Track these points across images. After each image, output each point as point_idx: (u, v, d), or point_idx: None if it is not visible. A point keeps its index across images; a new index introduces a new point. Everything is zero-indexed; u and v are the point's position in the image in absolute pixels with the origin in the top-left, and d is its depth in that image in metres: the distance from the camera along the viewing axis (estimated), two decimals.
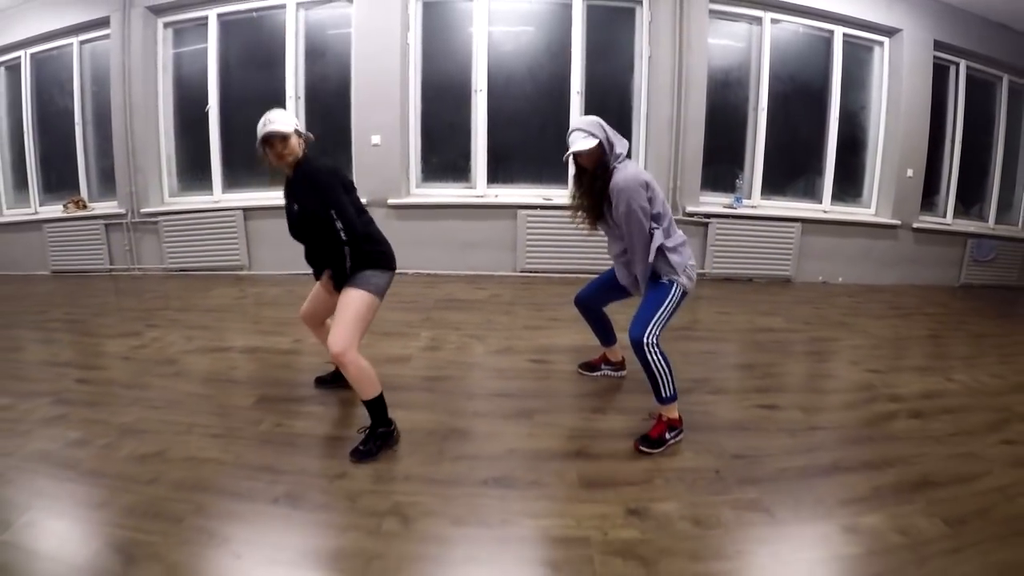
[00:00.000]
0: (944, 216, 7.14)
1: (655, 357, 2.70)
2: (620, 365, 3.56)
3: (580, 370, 3.59)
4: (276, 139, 2.56)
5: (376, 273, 2.67)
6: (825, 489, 2.53)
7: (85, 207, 6.62)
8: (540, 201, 5.89)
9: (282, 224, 2.80)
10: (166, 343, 4.02)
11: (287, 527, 2.07)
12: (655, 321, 2.72)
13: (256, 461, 2.49)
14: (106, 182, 6.63)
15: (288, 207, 2.75)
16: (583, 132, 2.75)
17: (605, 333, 3.49)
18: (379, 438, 2.61)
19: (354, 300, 2.59)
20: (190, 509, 2.14)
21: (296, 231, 2.76)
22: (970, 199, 7.35)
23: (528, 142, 6.08)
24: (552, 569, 1.90)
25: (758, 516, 2.30)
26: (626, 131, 6.06)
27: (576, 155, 2.79)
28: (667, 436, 2.75)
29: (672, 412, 2.80)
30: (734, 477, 2.55)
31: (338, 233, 2.55)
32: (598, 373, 3.56)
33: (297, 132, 2.62)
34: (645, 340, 2.69)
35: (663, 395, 2.76)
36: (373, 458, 2.53)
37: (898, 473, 2.67)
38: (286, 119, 2.59)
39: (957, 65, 6.85)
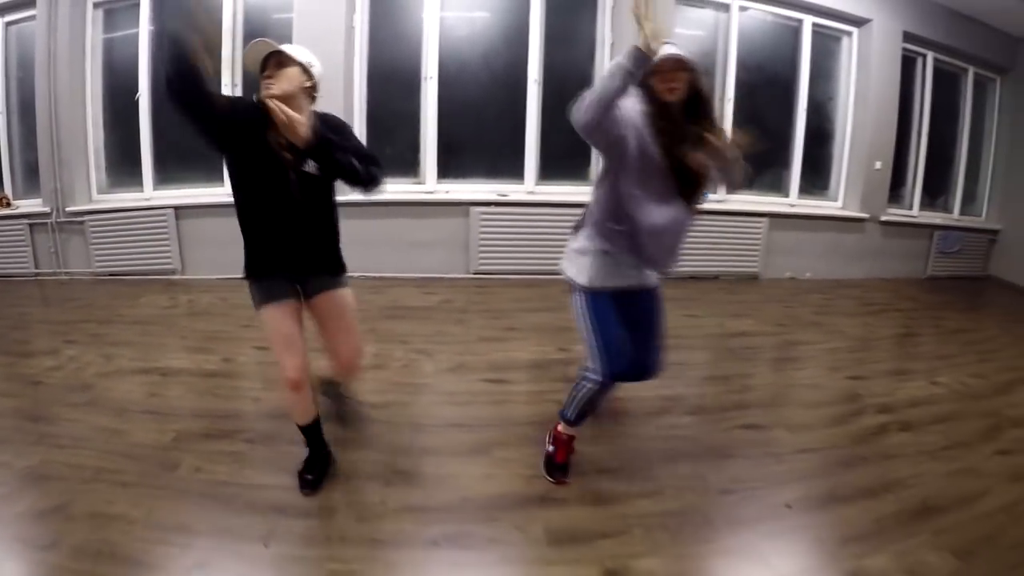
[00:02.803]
0: (911, 208, 7.07)
1: None
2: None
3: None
4: (272, 60, 2.03)
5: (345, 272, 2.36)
6: (823, 526, 2.28)
7: (9, 205, 6.03)
8: (495, 197, 5.55)
9: (218, 225, 2.28)
10: (83, 364, 3.56)
11: None
12: None
13: (169, 519, 2.11)
14: (32, 177, 6.06)
15: (287, 168, 2.08)
16: (677, 47, 2.01)
17: None
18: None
19: (351, 301, 2.32)
20: None
21: (292, 200, 2.11)
22: (935, 191, 7.29)
23: (482, 134, 5.74)
24: None
25: (753, 567, 2.03)
26: None
27: (682, 65, 2.00)
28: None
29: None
30: (723, 518, 2.26)
31: (355, 172, 2.10)
32: None
33: (307, 71, 2.09)
34: None
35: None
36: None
37: (898, 500, 2.45)
38: (300, 50, 2.08)
39: (924, 57, 6.75)
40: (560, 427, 2.50)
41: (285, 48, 2.03)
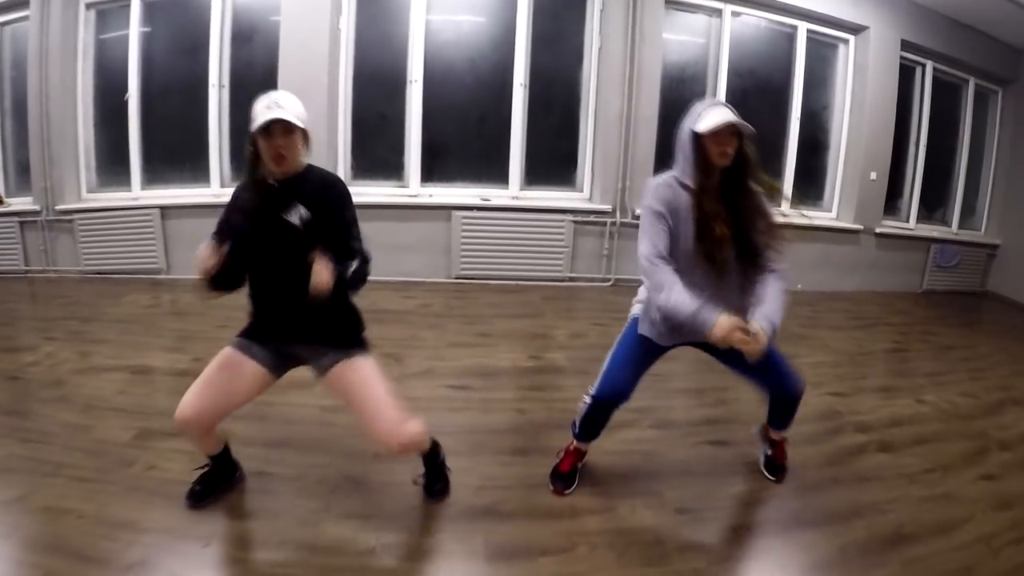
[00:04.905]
0: (907, 221, 6.94)
1: None
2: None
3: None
4: (279, 130, 1.90)
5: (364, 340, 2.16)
6: (786, 552, 2.18)
7: (2, 203, 6.03)
8: (477, 201, 5.48)
9: (204, 225, 2.17)
10: (59, 360, 3.58)
11: None
12: None
13: (118, 515, 2.12)
14: (23, 175, 6.05)
15: (272, 225, 1.98)
16: (730, 109, 2.00)
17: None
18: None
19: (371, 369, 2.07)
20: None
21: (275, 261, 2.00)
22: (933, 203, 7.17)
23: (467, 137, 5.68)
24: None
25: None
26: (572, 127, 5.73)
27: (738, 131, 1.99)
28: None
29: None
30: (675, 541, 2.15)
31: (345, 265, 1.91)
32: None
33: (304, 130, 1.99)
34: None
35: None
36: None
37: (869, 526, 2.33)
38: (297, 107, 1.96)
39: (923, 66, 6.63)
40: (572, 440, 2.47)
41: (294, 118, 1.91)
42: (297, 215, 1.97)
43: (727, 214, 2.04)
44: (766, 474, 2.66)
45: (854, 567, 2.10)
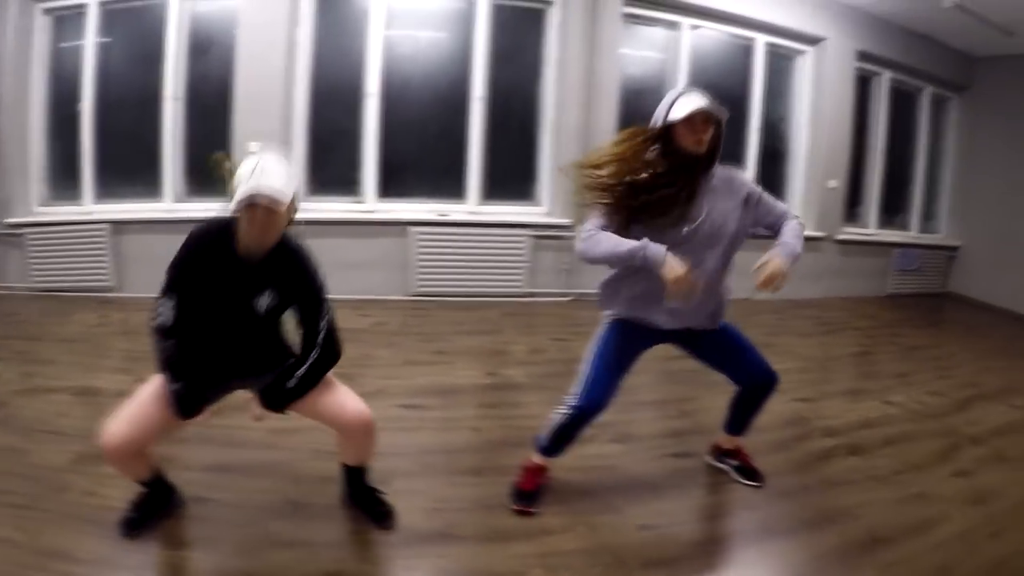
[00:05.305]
0: (868, 227, 7.01)
1: None
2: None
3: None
4: (264, 206, 1.74)
5: None
6: (756, 563, 2.13)
7: None
8: (435, 217, 5.40)
9: (156, 241, 2.06)
10: (1, 381, 3.43)
11: None
12: None
13: (52, 543, 2.02)
14: None
15: (237, 298, 1.93)
16: (705, 97, 2.00)
17: None
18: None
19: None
20: None
21: (237, 333, 1.99)
22: (893, 209, 7.26)
23: (424, 152, 5.61)
24: None
25: None
26: (531, 141, 5.68)
27: (710, 118, 2.00)
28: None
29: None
30: (638, 559, 2.07)
31: (315, 336, 1.96)
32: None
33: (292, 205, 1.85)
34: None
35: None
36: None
37: (841, 532, 2.29)
38: (285, 176, 1.79)
39: (880, 75, 6.74)
40: (533, 456, 2.39)
41: (282, 196, 1.76)
42: (265, 302, 1.93)
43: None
44: (745, 482, 2.61)
45: (829, 575, 2.07)
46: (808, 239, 6.19)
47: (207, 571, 1.94)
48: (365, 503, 2.23)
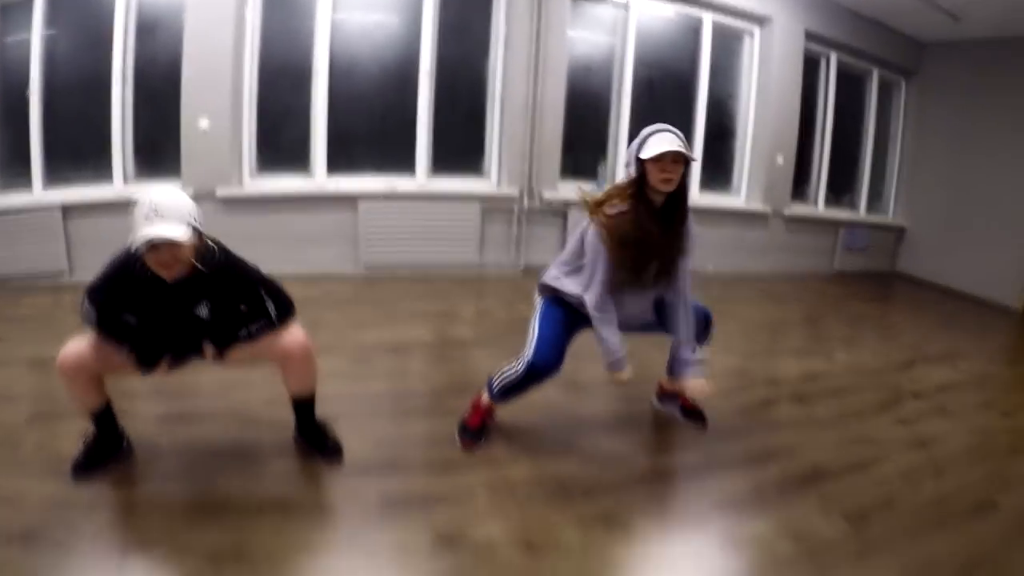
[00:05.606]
0: (816, 205, 7.11)
1: None
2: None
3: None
4: (164, 246, 1.80)
5: None
6: (697, 491, 2.19)
7: None
8: (383, 190, 5.42)
9: (107, 224, 2.11)
10: None
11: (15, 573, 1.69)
12: None
13: (2, 491, 2.06)
14: None
15: (174, 311, 2.03)
16: (676, 136, 2.10)
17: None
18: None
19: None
20: None
21: (182, 343, 2.11)
22: (841, 189, 7.37)
23: (373, 127, 5.59)
24: None
25: (612, 533, 1.91)
26: (479, 115, 5.68)
27: (679, 157, 2.08)
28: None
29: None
30: (582, 486, 2.13)
31: (263, 305, 2.08)
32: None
33: (195, 229, 1.88)
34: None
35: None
36: None
37: (784, 467, 2.35)
38: (179, 211, 1.82)
39: (828, 56, 6.83)
40: (483, 395, 2.44)
41: (176, 234, 1.79)
42: (204, 311, 2.03)
43: (660, 235, 2.18)
44: (690, 423, 2.69)
45: (771, 503, 2.12)
46: (754, 215, 6.31)
47: (156, 504, 1.97)
48: (313, 438, 2.28)
